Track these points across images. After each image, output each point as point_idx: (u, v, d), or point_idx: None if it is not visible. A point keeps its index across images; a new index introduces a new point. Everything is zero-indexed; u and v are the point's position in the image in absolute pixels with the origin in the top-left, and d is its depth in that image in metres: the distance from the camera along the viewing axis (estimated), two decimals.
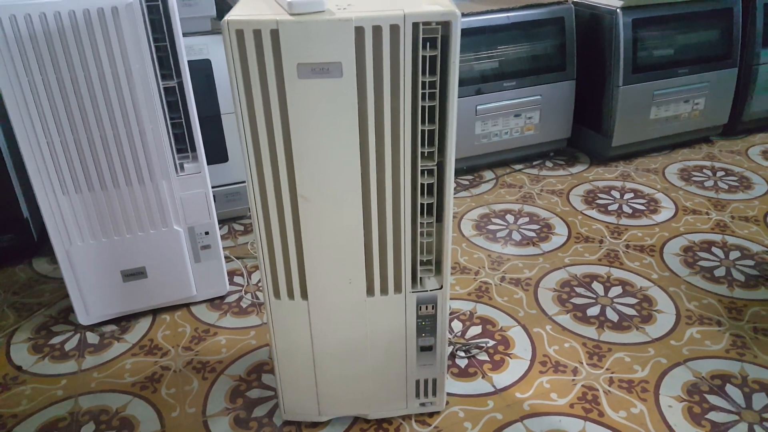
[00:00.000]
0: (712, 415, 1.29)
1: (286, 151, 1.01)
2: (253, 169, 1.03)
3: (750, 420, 1.28)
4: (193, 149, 1.49)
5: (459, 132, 2.27)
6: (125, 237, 1.51)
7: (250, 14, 0.92)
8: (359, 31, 0.92)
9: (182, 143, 1.48)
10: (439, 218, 1.11)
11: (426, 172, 1.07)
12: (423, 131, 1.02)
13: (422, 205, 1.09)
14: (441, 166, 1.06)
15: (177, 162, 1.48)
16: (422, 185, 1.07)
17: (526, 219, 2.08)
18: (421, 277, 1.17)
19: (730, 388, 1.36)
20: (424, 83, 0.98)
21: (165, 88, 1.40)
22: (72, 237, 1.48)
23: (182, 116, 1.44)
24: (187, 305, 1.69)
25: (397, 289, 1.16)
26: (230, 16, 0.92)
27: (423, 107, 1.01)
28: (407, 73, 0.96)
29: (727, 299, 1.65)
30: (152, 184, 1.47)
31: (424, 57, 0.96)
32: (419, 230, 1.11)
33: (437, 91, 0.99)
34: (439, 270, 1.17)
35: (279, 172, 1.03)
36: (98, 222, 1.48)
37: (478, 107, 2.26)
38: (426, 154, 1.05)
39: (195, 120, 1.46)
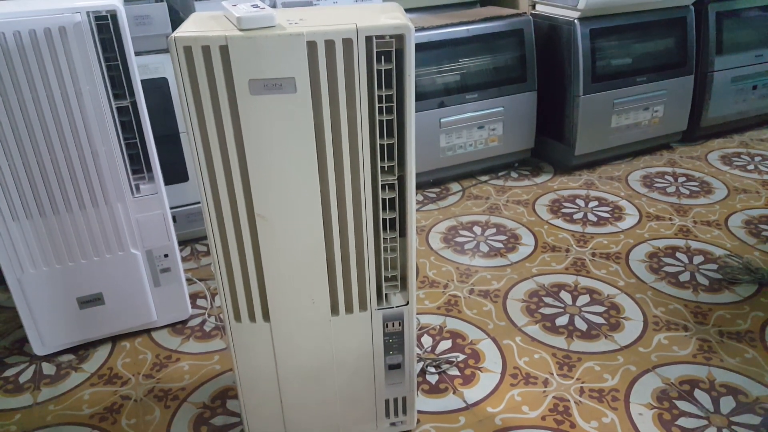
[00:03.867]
0: (682, 421, 1.29)
1: (242, 170, 0.98)
2: (207, 189, 0.99)
3: (719, 424, 1.28)
4: (149, 169, 1.45)
5: (424, 145, 2.26)
6: (80, 263, 1.46)
7: (199, 30, 0.89)
8: (311, 46, 0.90)
9: (137, 164, 1.43)
10: (403, 233, 1.10)
11: (387, 186, 1.05)
12: (382, 146, 1.01)
13: (384, 220, 1.07)
14: (402, 180, 1.05)
15: (132, 183, 1.43)
16: (384, 200, 1.06)
17: (494, 230, 2.08)
18: (386, 294, 1.15)
19: (698, 393, 1.36)
20: (380, 97, 0.97)
21: (118, 108, 1.36)
22: (24, 264, 1.42)
23: (137, 136, 1.40)
24: (148, 331, 1.63)
25: (362, 306, 1.14)
26: (178, 32, 0.89)
27: (381, 121, 0.99)
28: (363, 87, 0.94)
29: (693, 304, 1.66)
30: (107, 207, 1.42)
31: (379, 71, 0.95)
32: (382, 246, 1.09)
33: (394, 104, 0.98)
34: (404, 285, 1.15)
35: (234, 191, 1.00)
36: (51, 248, 1.42)
37: (442, 120, 2.26)
38: (386, 169, 1.04)
39: (150, 140, 1.42)
